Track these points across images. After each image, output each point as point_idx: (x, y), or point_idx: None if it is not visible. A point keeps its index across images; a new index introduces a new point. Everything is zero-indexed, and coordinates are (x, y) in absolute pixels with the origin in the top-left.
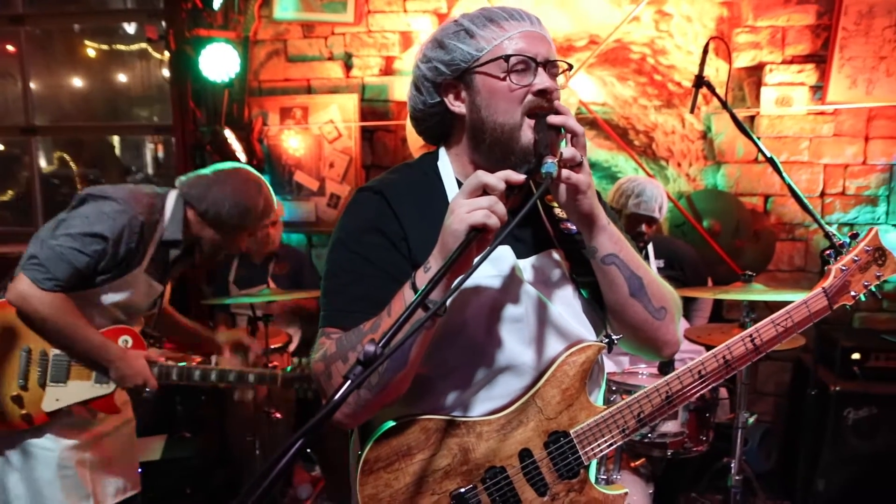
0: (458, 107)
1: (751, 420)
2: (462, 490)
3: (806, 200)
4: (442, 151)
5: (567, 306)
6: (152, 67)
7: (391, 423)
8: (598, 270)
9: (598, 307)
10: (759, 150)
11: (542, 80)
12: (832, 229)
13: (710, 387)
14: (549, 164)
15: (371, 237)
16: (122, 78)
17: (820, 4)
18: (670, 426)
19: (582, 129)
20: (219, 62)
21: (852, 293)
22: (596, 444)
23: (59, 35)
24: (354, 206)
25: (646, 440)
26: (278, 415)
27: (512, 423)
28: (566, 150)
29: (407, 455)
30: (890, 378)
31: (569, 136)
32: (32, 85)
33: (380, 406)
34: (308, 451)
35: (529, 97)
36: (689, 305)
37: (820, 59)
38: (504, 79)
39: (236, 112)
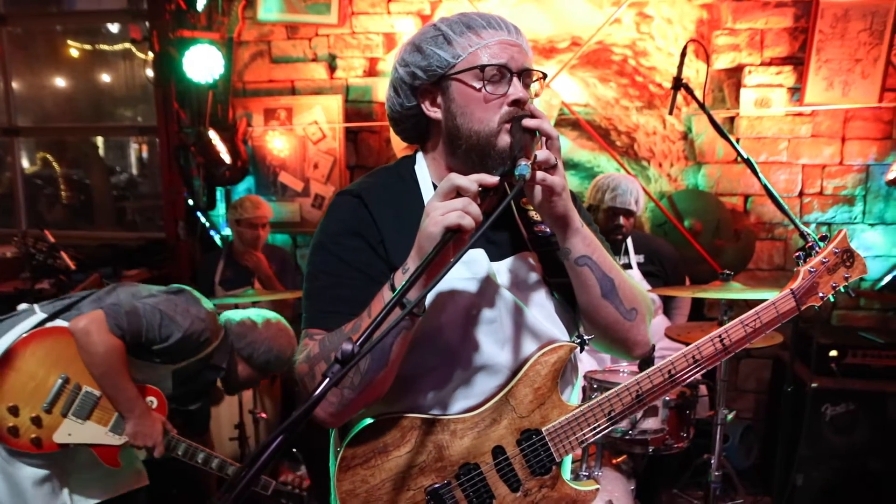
0: (435, 112)
1: (729, 417)
2: (437, 486)
3: (782, 201)
4: (419, 156)
5: (540, 308)
6: (136, 68)
7: (368, 421)
8: (571, 271)
9: (570, 308)
10: (736, 151)
11: (516, 90)
12: (808, 229)
13: (678, 386)
14: (523, 165)
15: (350, 240)
16: (105, 78)
17: (797, 7)
18: (651, 423)
19: (556, 133)
20: (202, 63)
21: (820, 294)
22: (567, 441)
23: (41, 35)
24: (334, 209)
25: (627, 437)
26: (263, 415)
27: (485, 421)
28: (540, 152)
29: (383, 452)
30: (866, 375)
31: (543, 139)
32: (14, 85)
33: (363, 405)
34: (294, 450)
35: (504, 107)
36: (668, 304)
37: (797, 61)
38: (479, 88)
39: (221, 113)
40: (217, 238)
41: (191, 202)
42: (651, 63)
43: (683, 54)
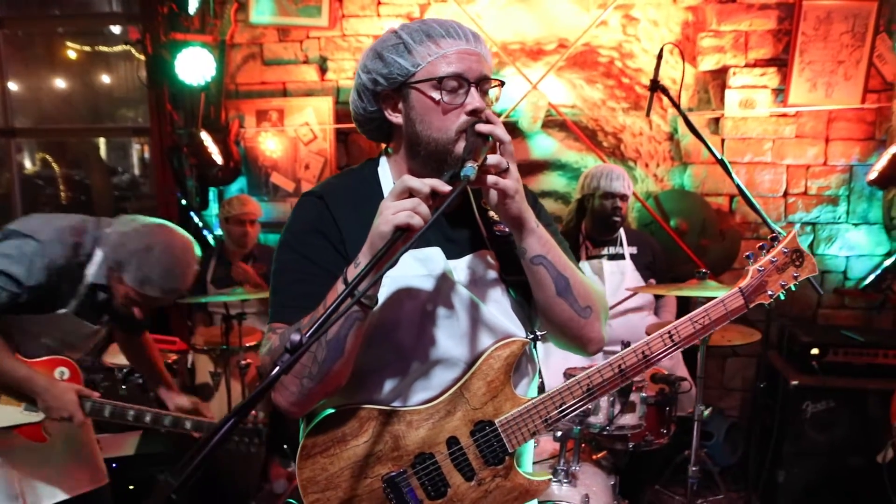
0: (396, 117)
1: (706, 413)
2: (393, 474)
3: (754, 200)
4: (383, 159)
5: (496, 304)
6: (135, 69)
7: (328, 412)
8: (527, 270)
9: (526, 305)
10: (710, 151)
11: (473, 100)
12: (779, 228)
13: (628, 380)
14: (468, 167)
15: (313, 239)
16: (105, 79)
17: (780, 10)
18: (628, 419)
19: (509, 138)
20: (194, 66)
21: (769, 292)
22: (520, 432)
23: (39, 37)
24: (298, 209)
25: (604, 432)
26: (253, 413)
27: (440, 412)
28: (492, 157)
29: (342, 441)
30: (847, 372)
31: (497, 143)
32: (12, 87)
33: (323, 394)
34: (284, 447)
35: (462, 116)
36: (656, 301)
37: (781, 62)
38: (437, 99)
39: (213, 114)
40: (210, 237)
41: (184, 202)
42: (637, 65)
43: (660, 57)
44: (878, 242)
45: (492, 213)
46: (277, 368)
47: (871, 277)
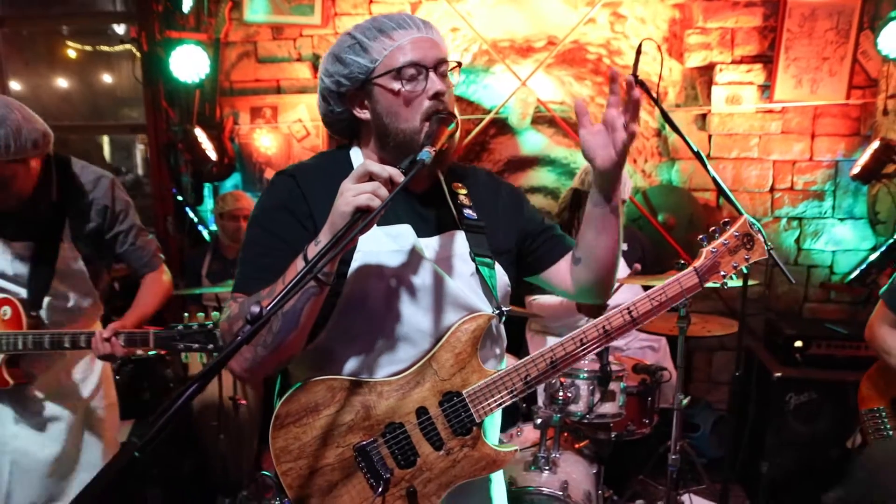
0: (364, 114)
1: (685, 401)
2: (364, 443)
3: (730, 193)
4: (355, 147)
5: (464, 281)
6: (136, 67)
7: (301, 383)
8: (603, 214)
9: (494, 283)
10: (688, 144)
11: (433, 84)
12: (755, 220)
13: (591, 352)
14: (424, 152)
15: (280, 215)
16: (107, 78)
17: (766, 7)
18: (608, 408)
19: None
20: (188, 63)
21: (722, 273)
22: (486, 403)
23: (40, 36)
24: (270, 187)
25: (584, 420)
26: (243, 402)
27: (410, 384)
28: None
29: (314, 411)
30: (830, 365)
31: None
32: (12, 86)
33: (276, 363)
34: None
35: (426, 102)
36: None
37: (767, 59)
38: (398, 90)
39: (208, 111)
40: (205, 233)
41: (180, 198)
42: (625, 62)
43: (639, 52)
44: (864, 237)
45: (462, 198)
46: (239, 338)
47: (857, 272)
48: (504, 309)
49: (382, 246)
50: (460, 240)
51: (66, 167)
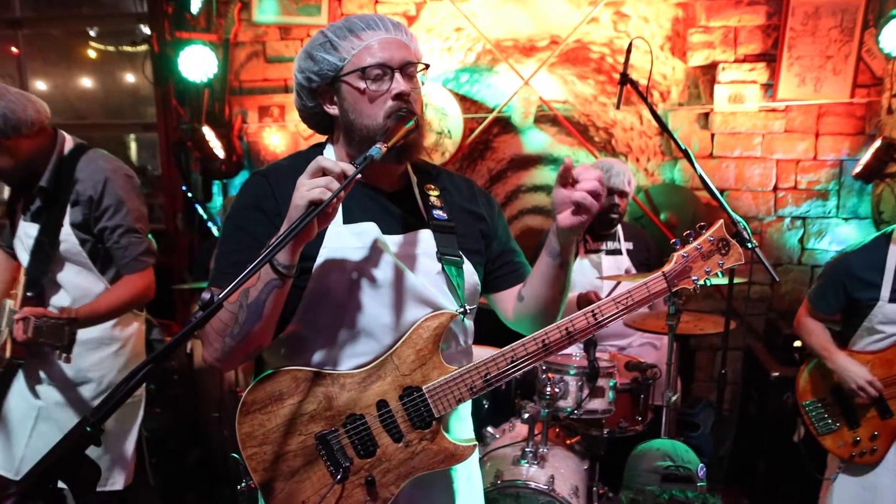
0: (333, 109)
1: (673, 398)
2: (325, 432)
3: (716, 191)
4: (329, 144)
5: (429, 278)
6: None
7: (268, 372)
8: (552, 268)
9: (460, 282)
10: (675, 142)
11: (398, 84)
12: (741, 219)
13: (551, 354)
14: (375, 148)
15: (251, 213)
16: (129, 78)
17: (769, 5)
18: (597, 404)
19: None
20: (197, 63)
21: (693, 278)
22: (446, 399)
23: (59, 37)
24: (244, 186)
25: (573, 416)
26: (239, 391)
27: (372, 377)
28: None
29: (279, 399)
30: None
31: None
32: (34, 86)
33: (244, 353)
34: None
35: (389, 102)
36: None
37: (770, 57)
38: (363, 89)
39: (217, 110)
40: (213, 228)
41: (190, 195)
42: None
43: (629, 51)
44: (868, 237)
45: (432, 199)
46: (191, 323)
47: None
48: (468, 307)
49: (347, 242)
50: (427, 239)
51: (75, 158)
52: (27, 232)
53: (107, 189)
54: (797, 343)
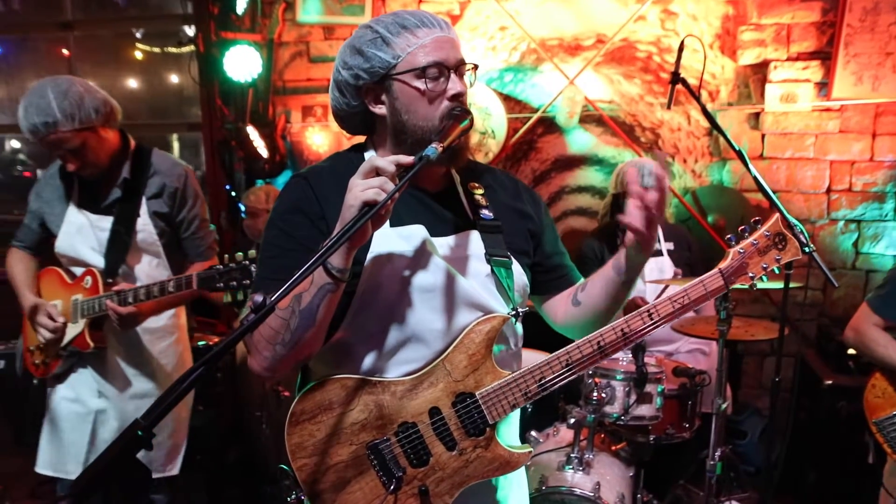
0: (380, 109)
1: (723, 406)
2: (377, 441)
3: (771, 192)
4: (370, 146)
5: (479, 281)
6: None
7: (316, 381)
8: (616, 278)
9: (510, 284)
10: (729, 143)
11: (454, 85)
12: (797, 222)
13: (607, 357)
14: (431, 148)
15: (294, 217)
16: (174, 79)
17: (825, 1)
18: (645, 410)
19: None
20: (242, 63)
21: (750, 274)
22: (500, 405)
23: (107, 38)
24: (284, 190)
25: (620, 422)
26: (286, 393)
27: (423, 384)
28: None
29: (328, 409)
30: None
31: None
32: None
33: (294, 361)
34: None
35: (445, 102)
36: None
37: (825, 55)
38: (422, 88)
39: (261, 110)
40: None
41: (233, 194)
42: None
43: (681, 49)
44: None
45: (478, 197)
46: (244, 326)
47: None
48: (520, 310)
49: (395, 246)
50: (476, 240)
51: (145, 154)
52: (100, 225)
53: (188, 182)
54: (851, 350)
